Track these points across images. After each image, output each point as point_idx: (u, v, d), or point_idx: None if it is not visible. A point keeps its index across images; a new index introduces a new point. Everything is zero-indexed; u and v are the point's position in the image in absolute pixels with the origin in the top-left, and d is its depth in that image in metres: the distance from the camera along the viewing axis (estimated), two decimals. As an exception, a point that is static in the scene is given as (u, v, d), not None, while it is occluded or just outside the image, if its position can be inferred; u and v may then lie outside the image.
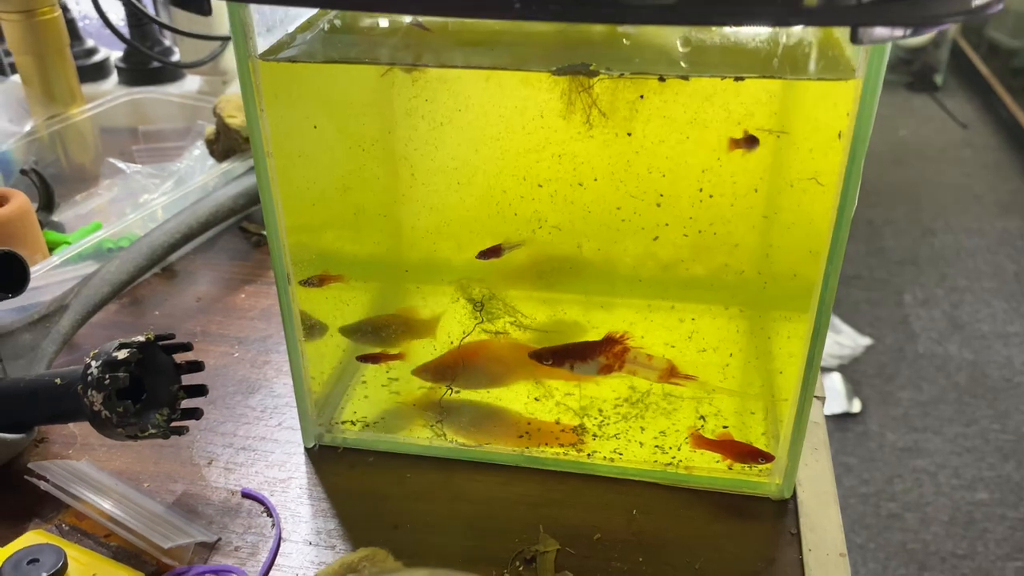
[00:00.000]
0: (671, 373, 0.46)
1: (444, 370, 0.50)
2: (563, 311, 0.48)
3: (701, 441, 0.49)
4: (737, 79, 0.37)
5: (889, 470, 1.69)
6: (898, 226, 2.49)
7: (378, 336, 0.51)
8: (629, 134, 0.40)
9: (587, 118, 0.40)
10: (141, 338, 0.47)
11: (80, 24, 1.04)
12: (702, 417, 0.49)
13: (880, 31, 0.30)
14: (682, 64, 0.38)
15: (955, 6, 0.30)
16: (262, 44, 0.41)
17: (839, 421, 1.80)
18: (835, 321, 2.08)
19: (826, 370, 1.91)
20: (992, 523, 1.57)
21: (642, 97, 0.39)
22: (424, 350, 0.51)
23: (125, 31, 0.94)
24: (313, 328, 0.50)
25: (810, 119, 0.39)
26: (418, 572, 0.28)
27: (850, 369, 1.93)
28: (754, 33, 0.39)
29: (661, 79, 0.38)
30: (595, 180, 0.42)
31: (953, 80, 3.40)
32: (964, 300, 2.17)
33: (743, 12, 0.29)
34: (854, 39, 0.30)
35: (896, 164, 2.84)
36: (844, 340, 2.03)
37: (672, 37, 0.39)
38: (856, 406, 1.83)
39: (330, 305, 0.51)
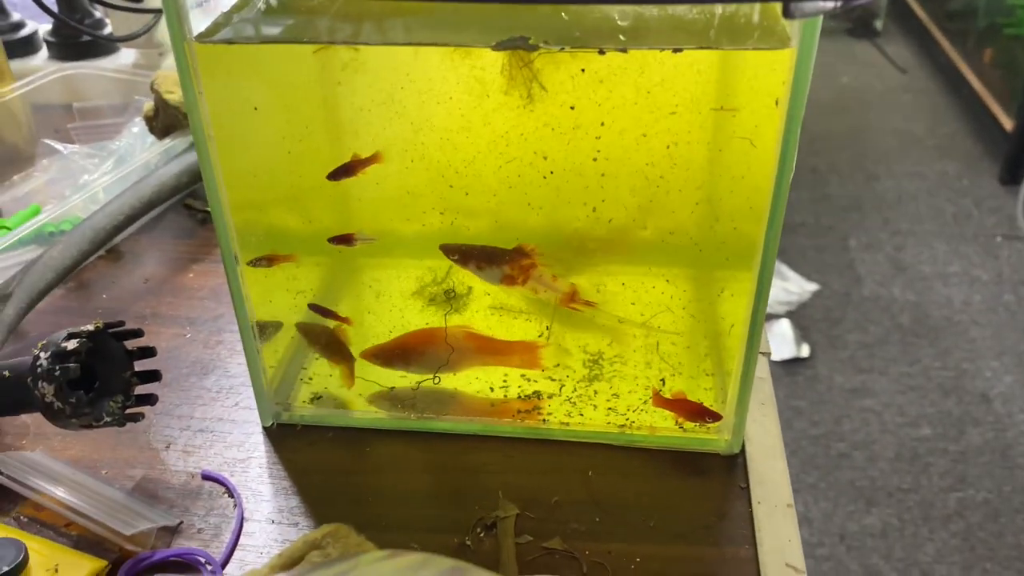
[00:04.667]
0: (571, 298, 0.47)
1: (394, 356, 0.50)
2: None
3: (660, 400, 0.50)
4: (675, 51, 0.38)
5: (837, 411, 1.74)
6: (842, 172, 2.54)
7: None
8: (572, 107, 0.40)
9: (528, 92, 0.40)
10: (90, 327, 0.47)
11: (3, -7, 0.99)
12: (662, 380, 0.50)
13: (810, 5, 0.30)
14: (621, 37, 0.38)
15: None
16: (196, 23, 0.41)
17: (788, 366, 1.85)
18: (782, 268, 2.12)
19: (774, 317, 1.96)
20: (935, 457, 1.63)
21: (583, 71, 0.39)
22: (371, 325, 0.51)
23: (52, 3, 0.90)
24: (266, 328, 0.51)
25: (748, 86, 0.40)
26: (379, 553, 0.29)
27: (798, 315, 1.98)
28: (691, 4, 0.39)
29: (601, 52, 0.38)
30: (536, 154, 0.43)
31: (892, 25, 3.44)
32: (906, 243, 2.22)
33: (677, -10, 0.29)
34: (786, 14, 0.30)
35: (839, 111, 2.88)
36: (791, 287, 2.08)
37: (610, 10, 0.39)
38: (805, 351, 1.88)
39: (278, 283, 0.51)
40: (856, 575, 1.42)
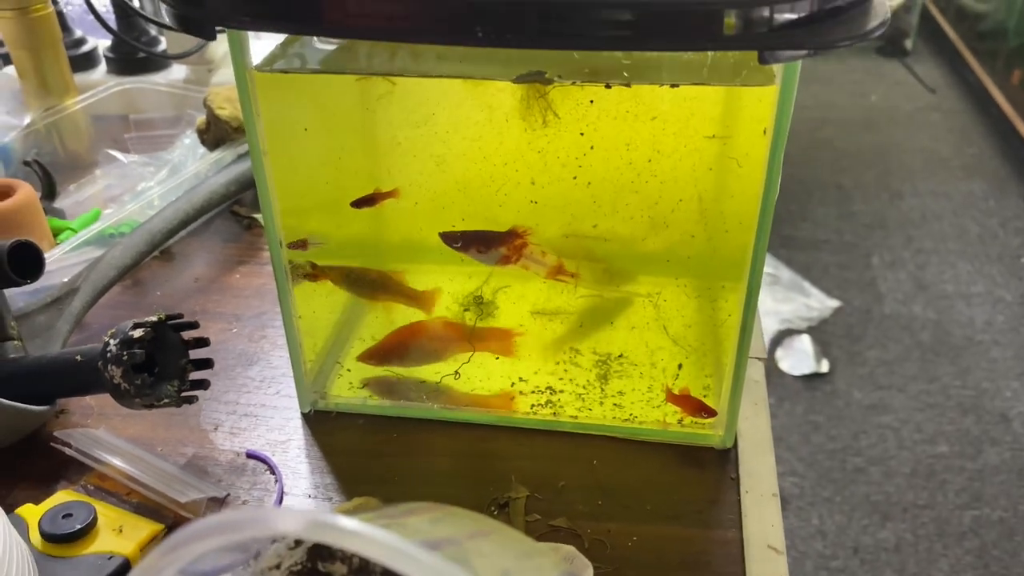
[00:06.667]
0: (558, 270, 0.52)
1: (388, 354, 0.56)
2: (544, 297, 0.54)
3: (670, 395, 0.55)
4: (672, 86, 0.43)
5: (855, 427, 1.77)
6: (867, 190, 2.56)
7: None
8: (581, 133, 0.46)
9: (543, 119, 0.46)
10: (153, 318, 0.53)
11: (64, 9, 1.07)
12: (680, 365, 0.55)
13: (783, 54, 0.35)
14: (624, 74, 0.44)
15: (846, 32, 0.36)
16: (256, 54, 0.47)
17: (808, 381, 1.88)
18: (804, 284, 2.15)
19: (795, 332, 1.99)
20: (951, 474, 1.65)
21: (592, 102, 0.45)
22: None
23: (112, 21, 0.98)
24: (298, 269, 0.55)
25: (740, 116, 0.45)
26: (416, 504, 0.34)
27: (819, 331, 2.01)
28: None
29: (607, 86, 0.44)
30: (519, 172, 0.48)
31: (922, 45, 3.45)
32: (929, 262, 2.24)
33: (669, 39, 0.35)
34: (761, 60, 0.35)
35: (867, 129, 2.90)
36: (813, 303, 2.11)
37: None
38: (824, 366, 1.90)
39: (320, 294, 0.57)
40: (867, 586, 1.45)
